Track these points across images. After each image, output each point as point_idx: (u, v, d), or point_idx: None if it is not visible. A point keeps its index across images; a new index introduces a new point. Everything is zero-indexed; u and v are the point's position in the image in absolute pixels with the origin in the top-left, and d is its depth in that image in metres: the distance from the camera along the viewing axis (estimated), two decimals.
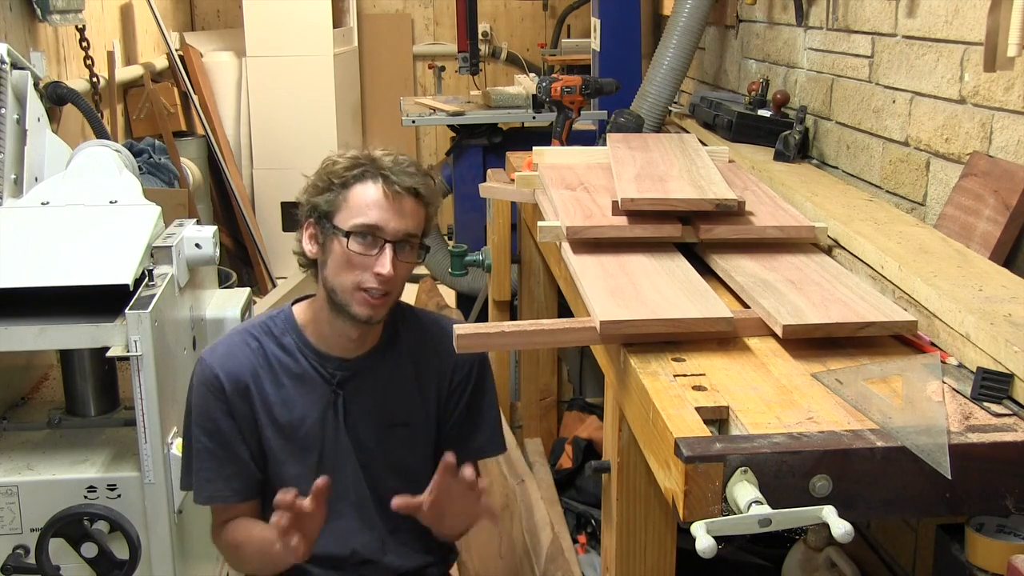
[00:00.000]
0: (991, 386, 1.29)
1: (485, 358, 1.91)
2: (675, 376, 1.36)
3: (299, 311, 1.83)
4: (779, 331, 1.45)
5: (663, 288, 1.58)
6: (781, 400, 1.29)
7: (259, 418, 1.78)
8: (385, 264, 1.67)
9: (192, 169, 5.03)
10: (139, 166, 3.49)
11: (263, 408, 1.78)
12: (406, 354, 1.85)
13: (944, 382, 1.34)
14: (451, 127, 3.99)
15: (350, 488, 1.83)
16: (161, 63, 5.18)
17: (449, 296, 4.12)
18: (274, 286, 5.35)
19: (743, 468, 1.12)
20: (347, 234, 1.68)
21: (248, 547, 1.78)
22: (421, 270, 4.38)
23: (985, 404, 1.27)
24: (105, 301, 2.03)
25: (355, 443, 1.82)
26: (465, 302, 4.04)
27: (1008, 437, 1.19)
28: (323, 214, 1.72)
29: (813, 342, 1.45)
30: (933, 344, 1.47)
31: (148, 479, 2.03)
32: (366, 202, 1.69)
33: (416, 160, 1.77)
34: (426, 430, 1.86)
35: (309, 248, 1.76)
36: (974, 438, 1.18)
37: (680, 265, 1.71)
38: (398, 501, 1.63)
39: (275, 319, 1.83)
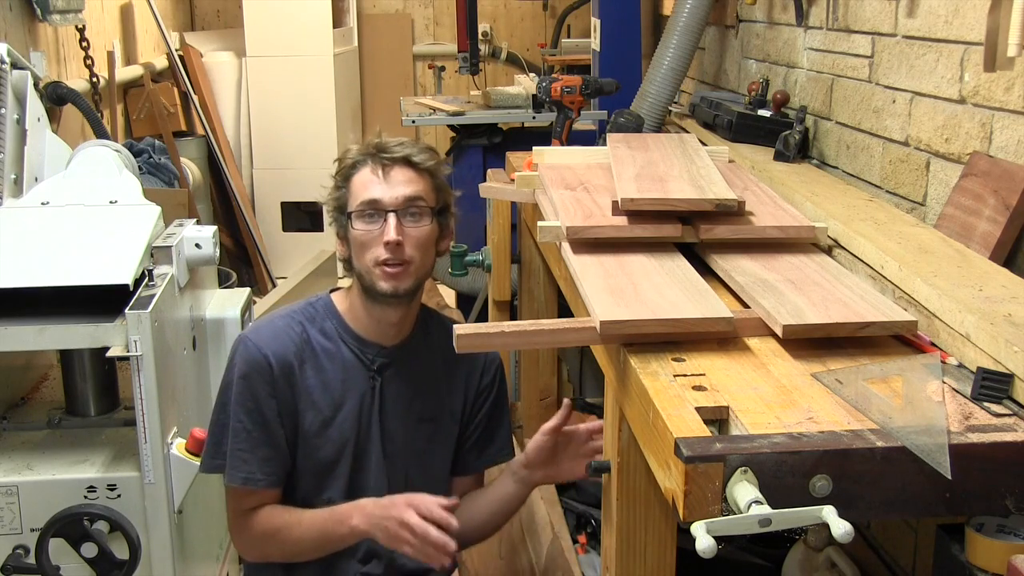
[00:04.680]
0: (991, 386, 1.28)
1: (502, 365, 1.97)
2: (675, 376, 1.36)
3: (337, 299, 1.88)
4: (779, 331, 1.45)
5: (663, 288, 1.58)
6: (781, 400, 1.29)
7: (299, 402, 1.81)
8: (389, 231, 1.73)
9: (192, 169, 5.04)
10: (139, 166, 3.49)
11: (304, 392, 1.81)
12: (436, 351, 1.89)
13: (944, 382, 1.34)
14: (451, 127, 3.99)
15: (370, 479, 1.85)
16: (161, 63, 5.18)
17: (449, 296, 4.13)
18: (274, 286, 5.35)
19: (743, 468, 1.12)
20: (350, 217, 1.77)
21: (297, 529, 1.79)
22: None
23: (985, 404, 1.27)
24: (105, 301, 2.03)
25: (384, 433, 1.85)
26: (465, 302, 4.04)
27: (1008, 437, 1.19)
28: (339, 211, 1.81)
29: (813, 342, 1.45)
30: (933, 344, 1.47)
31: (148, 479, 2.03)
32: (362, 184, 1.78)
33: (417, 140, 1.87)
34: (449, 428, 1.90)
35: (340, 250, 1.84)
36: (974, 438, 1.18)
37: (680, 265, 1.71)
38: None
39: (315, 305, 1.88)
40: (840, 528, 1.06)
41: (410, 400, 1.86)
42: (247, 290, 2.67)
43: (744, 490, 1.10)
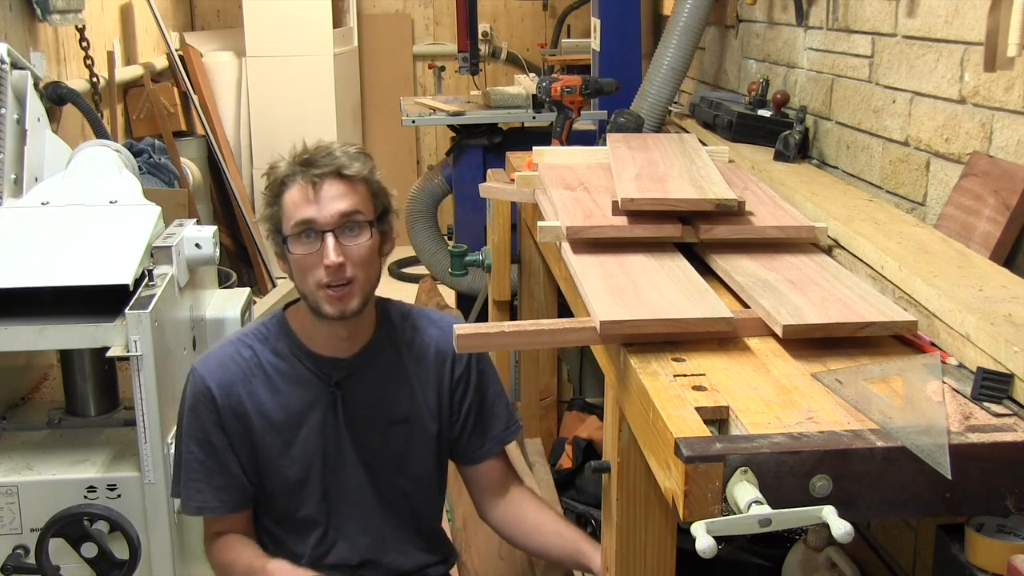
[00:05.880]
0: (991, 386, 1.28)
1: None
2: (675, 376, 1.36)
3: (291, 315, 1.83)
4: (779, 331, 1.45)
5: (663, 288, 1.58)
6: (781, 400, 1.29)
7: (254, 428, 1.77)
8: (328, 254, 1.66)
9: (192, 169, 5.03)
10: (139, 166, 3.49)
11: (260, 416, 1.77)
12: (402, 350, 1.85)
13: (944, 382, 1.34)
14: (451, 127, 3.99)
15: (351, 490, 1.82)
16: (161, 63, 5.18)
17: (449, 296, 4.13)
18: (274, 286, 5.35)
19: (743, 468, 1.12)
20: (286, 240, 1.70)
21: (236, 569, 1.78)
22: (421, 270, 4.37)
23: (985, 404, 1.27)
24: (105, 301, 2.03)
25: (356, 443, 1.81)
26: (465, 302, 4.04)
27: (1008, 437, 1.19)
28: (275, 229, 1.74)
29: (813, 342, 1.45)
30: (933, 344, 1.47)
31: (148, 479, 2.03)
32: (293, 203, 1.69)
33: (344, 143, 1.75)
34: (426, 426, 1.86)
35: (282, 266, 1.78)
36: (974, 438, 1.18)
37: (680, 265, 1.71)
38: None
39: (267, 325, 1.83)
40: (840, 528, 1.06)
41: (379, 406, 1.82)
42: (247, 290, 2.67)
43: (744, 490, 1.10)
